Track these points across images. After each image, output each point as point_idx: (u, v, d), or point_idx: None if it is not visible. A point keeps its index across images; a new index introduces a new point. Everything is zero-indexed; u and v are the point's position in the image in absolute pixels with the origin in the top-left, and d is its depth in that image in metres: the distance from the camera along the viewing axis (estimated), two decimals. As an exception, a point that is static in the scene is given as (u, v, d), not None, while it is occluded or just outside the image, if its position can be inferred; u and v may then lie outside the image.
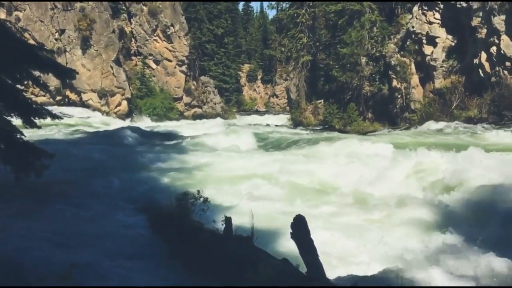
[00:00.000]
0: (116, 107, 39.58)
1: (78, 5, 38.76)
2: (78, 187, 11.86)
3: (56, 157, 10.95)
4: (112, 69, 39.16)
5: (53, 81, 32.71)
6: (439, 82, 30.96)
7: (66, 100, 39.14)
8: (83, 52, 38.87)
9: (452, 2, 29.63)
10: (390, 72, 33.06)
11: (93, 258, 7.17)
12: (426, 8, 31.74)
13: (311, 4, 40.64)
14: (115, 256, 7.48)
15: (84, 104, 39.00)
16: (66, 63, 37.37)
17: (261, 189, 12.09)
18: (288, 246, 7.12)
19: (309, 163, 14.71)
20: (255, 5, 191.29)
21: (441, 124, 26.72)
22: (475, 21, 28.55)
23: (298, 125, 37.18)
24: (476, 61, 28.88)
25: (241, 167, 14.70)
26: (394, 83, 32.80)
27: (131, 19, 43.66)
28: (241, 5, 76.98)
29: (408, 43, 32.78)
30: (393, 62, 32.73)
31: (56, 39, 38.42)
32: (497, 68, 27.60)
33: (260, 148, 20.36)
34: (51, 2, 38.37)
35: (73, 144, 19.96)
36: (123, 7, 43.37)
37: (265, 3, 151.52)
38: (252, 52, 71.56)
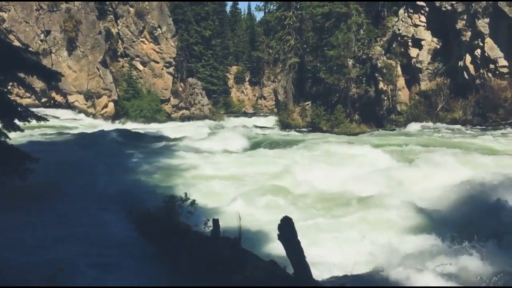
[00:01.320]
0: (102, 109, 39.28)
1: (64, 6, 38.41)
2: (63, 189, 11.74)
3: (41, 160, 10.82)
4: (98, 70, 38.86)
5: (38, 83, 32.32)
6: (424, 84, 31.34)
7: (52, 102, 38.72)
8: (69, 53, 38.52)
9: (437, 5, 30.01)
10: (376, 74, 33.37)
11: (78, 260, 7.10)
12: (411, 11, 32.13)
13: (298, 6, 40.82)
14: (101, 258, 7.43)
15: (70, 106, 38.63)
16: (52, 64, 37.01)
17: (249, 191, 12.09)
18: (275, 248, 7.15)
19: (296, 165, 14.75)
20: (243, 7, 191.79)
21: (425, 126, 27.09)
22: (460, 24, 28.96)
23: (286, 127, 37.27)
24: (460, 63, 29.29)
25: (229, 169, 14.71)
26: (381, 85, 33.11)
27: (118, 21, 43.36)
28: (228, 7, 77.11)
29: (394, 45, 33.14)
30: (379, 65, 33.03)
31: (41, 40, 38.01)
32: (481, 71, 28.02)
33: (247, 149, 20.36)
34: (37, 2, 37.95)
35: (58, 146, 19.77)
36: (110, 8, 43.05)
37: (253, 5, 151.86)
38: (240, 54, 71.58)
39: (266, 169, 14.36)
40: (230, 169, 14.85)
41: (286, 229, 5.72)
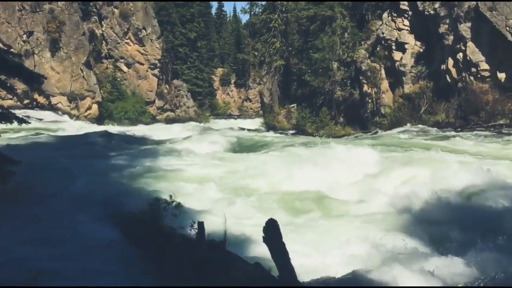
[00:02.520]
0: (86, 110, 38.85)
1: (47, 6, 37.90)
2: (45, 192, 11.57)
3: (22, 162, 10.66)
4: (82, 72, 38.44)
5: (20, 84, 31.82)
6: (408, 87, 31.72)
7: (35, 103, 38.14)
8: (52, 54, 38.01)
9: (420, 9, 30.42)
10: (361, 77, 33.68)
11: (61, 263, 7.01)
12: (395, 15, 32.51)
13: (283, 9, 41.01)
14: (84, 261, 7.34)
15: (53, 108, 38.10)
16: (35, 65, 36.53)
17: (234, 194, 12.07)
18: (260, 250, 7.15)
19: (281, 167, 14.78)
20: (228, 9, 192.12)
21: (408, 128, 27.45)
22: (442, 28, 29.41)
23: (271, 129, 37.37)
24: (443, 67, 29.73)
25: (214, 172, 14.67)
26: (365, 88, 33.42)
27: (102, 22, 43.00)
28: (214, 9, 77.08)
29: (378, 49, 33.50)
30: (363, 68, 33.35)
31: (24, 41, 37.45)
32: (463, 74, 28.48)
33: (233, 151, 20.34)
34: (19, 3, 37.37)
35: (41, 149, 19.49)
36: (94, 9, 42.65)
37: (238, 7, 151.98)
38: (226, 56, 71.48)
39: (251, 171, 14.35)
40: (216, 171, 14.81)
41: (271, 231, 5.73)
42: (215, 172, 14.65)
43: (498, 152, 17.33)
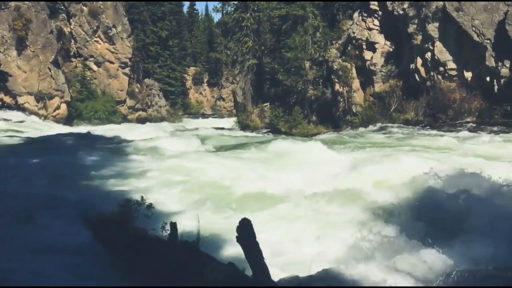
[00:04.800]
0: (54, 110, 37.92)
1: (12, 4, 36.80)
2: (10, 195, 11.19)
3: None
4: (50, 71, 37.49)
5: (-16, 83, 30.86)
6: (378, 86, 32.24)
7: (1, 103, 37.00)
8: (19, 53, 36.91)
9: (390, 9, 30.95)
10: (332, 76, 34.02)
11: (30, 268, 6.79)
12: (365, 14, 32.98)
13: (255, 8, 41.03)
14: (53, 265, 7.14)
15: (20, 108, 37.00)
16: (0, 64, 35.45)
17: (207, 194, 12.00)
18: (234, 250, 7.11)
19: (254, 167, 14.80)
20: (200, 8, 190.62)
21: (379, 126, 27.97)
22: (411, 28, 30.02)
23: (245, 128, 37.33)
24: (412, 66, 30.36)
25: (186, 172, 14.54)
26: (337, 87, 33.78)
27: (71, 20, 42.03)
28: (186, 8, 76.46)
29: (349, 48, 33.91)
30: (335, 67, 33.70)
31: (-12, 39, 36.27)
32: (431, 73, 29.17)
33: (205, 151, 20.20)
34: (-18, 0, 36.20)
35: (5, 151, 18.90)
36: (62, 7, 41.63)
37: (210, 6, 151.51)
38: (198, 55, 71.07)
39: (223, 170, 14.30)
40: (188, 171, 14.67)
41: (245, 230, 5.71)
42: (187, 171, 14.52)
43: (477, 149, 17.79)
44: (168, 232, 7.07)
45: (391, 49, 32.51)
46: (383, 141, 21.51)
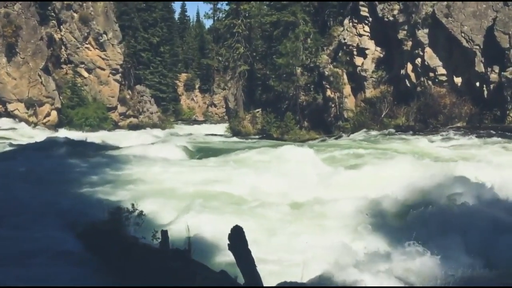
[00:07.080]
0: (45, 117, 37.66)
1: (2, 10, 36.60)
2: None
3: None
4: (40, 77, 37.26)
5: (-27, 91, 30.58)
6: (369, 92, 32.43)
7: (-11, 111, 36.71)
8: (8, 60, 36.67)
9: (380, 15, 31.20)
10: (324, 82, 34.17)
11: (18, 277, 6.68)
12: (356, 21, 33.22)
13: (247, 14, 41.18)
14: (42, 274, 7.02)
15: (9, 115, 36.73)
16: (-11, 71, 35.19)
17: (198, 201, 11.91)
18: (226, 258, 7.05)
19: (244, 173, 14.74)
20: (192, 15, 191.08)
21: (370, 132, 28.11)
22: (401, 34, 30.26)
23: (237, 134, 37.32)
24: (403, 71, 30.58)
25: (178, 179, 14.43)
26: (328, 92, 33.93)
27: (61, 26, 41.83)
28: (177, 14, 76.42)
29: (340, 54, 34.10)
30: (326, 73, 33.86)
31: (-23, 46, 35.99)
32: (422, 79, 29.39)
33: (197, 158, 20.11)
34: (-28, 6, 35.96)
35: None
36: (52, 14, 41.44)
37: (202, 12, 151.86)
38: (189, 61, 71.07)
39: (215, 177, 14.22)
40: (179, 178, 14.57)
41: (237, 238, 5.67)
42: (178, 179, 14.42)
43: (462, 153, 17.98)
44: (159, 240, 7.01)
45: (381, 55, 32.74)
46: (367, 145, 21.61)
